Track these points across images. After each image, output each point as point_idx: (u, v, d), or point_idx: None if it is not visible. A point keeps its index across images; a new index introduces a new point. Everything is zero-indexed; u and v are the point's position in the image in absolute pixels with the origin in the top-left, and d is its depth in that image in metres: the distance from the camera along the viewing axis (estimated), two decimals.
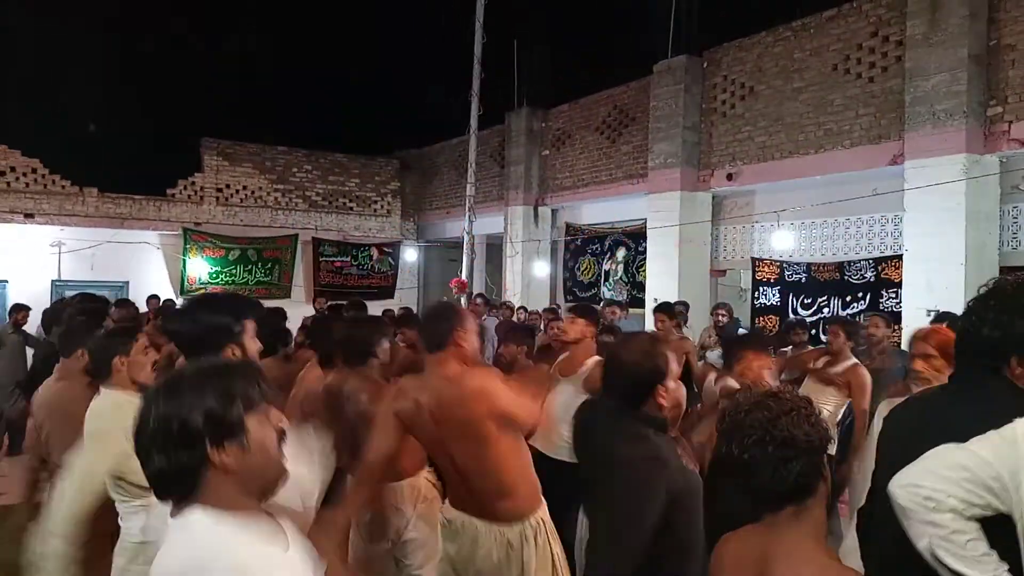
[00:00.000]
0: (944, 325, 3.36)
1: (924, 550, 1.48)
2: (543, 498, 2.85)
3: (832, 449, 1.62)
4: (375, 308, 7.52)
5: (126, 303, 7.12)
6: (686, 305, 8.31)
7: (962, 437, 1.53)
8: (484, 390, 2.65)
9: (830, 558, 1.51)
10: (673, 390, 2.40)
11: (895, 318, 7.06)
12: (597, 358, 4.17)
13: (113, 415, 2.67)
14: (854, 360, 5.03)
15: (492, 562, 2.69)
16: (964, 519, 1.45)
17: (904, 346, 5.26)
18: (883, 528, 1.65)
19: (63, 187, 12.97)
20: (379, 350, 3.49)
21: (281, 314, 4.63)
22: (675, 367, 2.48)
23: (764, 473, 1.49)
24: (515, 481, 2.73)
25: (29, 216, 12.60)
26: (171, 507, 1.38)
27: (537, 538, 2.70)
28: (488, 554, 2.70)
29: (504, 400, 2.65)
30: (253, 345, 2.34)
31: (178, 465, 1.32)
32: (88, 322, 4.00)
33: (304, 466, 1.97)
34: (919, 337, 3.16)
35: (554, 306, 10.75)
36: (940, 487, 1.46)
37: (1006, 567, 1.44)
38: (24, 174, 12.66)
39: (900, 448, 1.76)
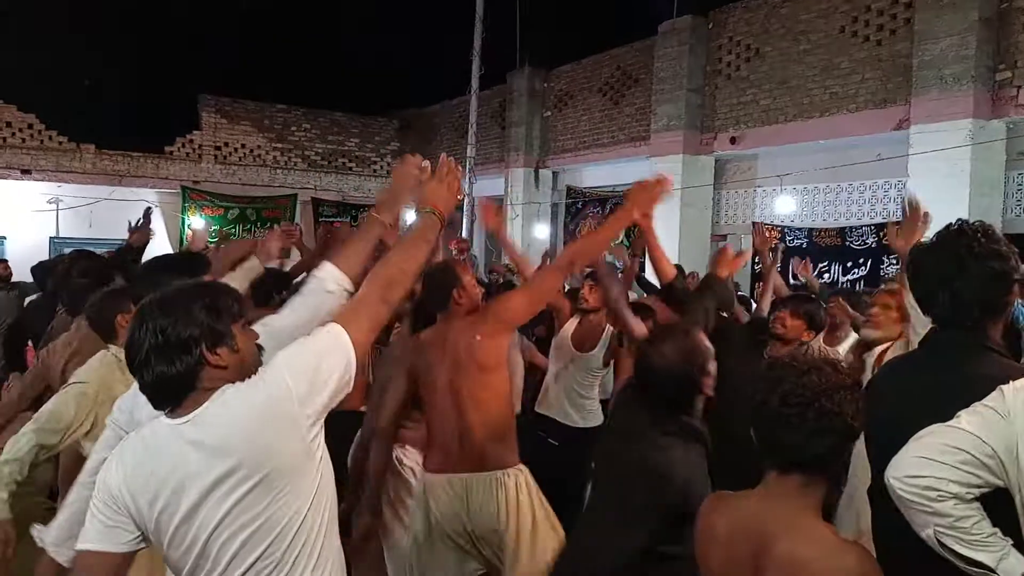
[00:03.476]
0: None
1: (928, 539, 1.46)
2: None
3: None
4: None
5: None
6: (681, 269, 8.26)
7: (945, 403, 1.51)
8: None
9: (831, 532, 1.48)
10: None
11: None
12: (610, 329, 4.26)
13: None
14: (856, 336, 4.90)
15: (489, 511, 2.70)
16: (966, 503, 1.42)
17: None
18: (885, 504, 1.62)
19: (60, 143, 12.82)
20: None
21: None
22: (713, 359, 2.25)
23: (797, 436, 1.46)
24: (508, 426, 2.84)
25: (26, 172, 12.47)
26: (167, 412, 1.56)
27: (528, 483, 2.78)
28: (483, 504, 2.71)
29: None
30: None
31: (179, 368, 1.51)
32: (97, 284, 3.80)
33: None
34: None
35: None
36: (939, 475, 1.43)
37: (1010, 542, 1.43)
38: (20, 129, 12.52)
39: (887, 420, 1.72)
